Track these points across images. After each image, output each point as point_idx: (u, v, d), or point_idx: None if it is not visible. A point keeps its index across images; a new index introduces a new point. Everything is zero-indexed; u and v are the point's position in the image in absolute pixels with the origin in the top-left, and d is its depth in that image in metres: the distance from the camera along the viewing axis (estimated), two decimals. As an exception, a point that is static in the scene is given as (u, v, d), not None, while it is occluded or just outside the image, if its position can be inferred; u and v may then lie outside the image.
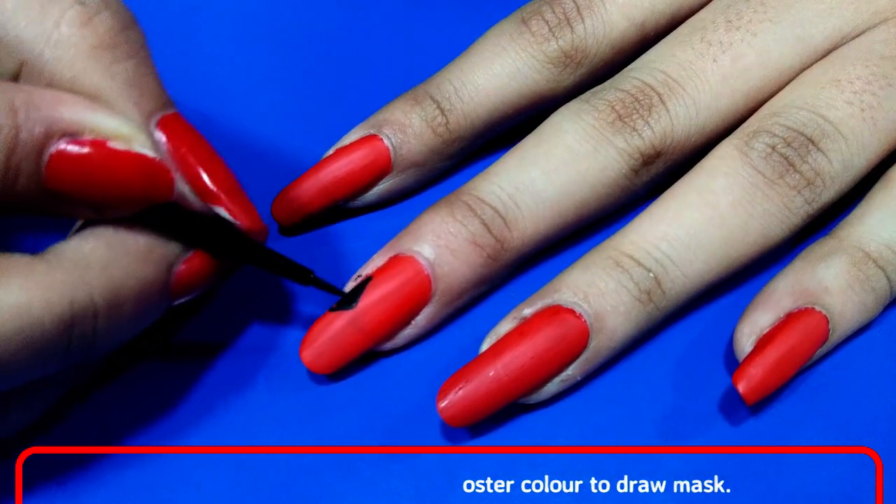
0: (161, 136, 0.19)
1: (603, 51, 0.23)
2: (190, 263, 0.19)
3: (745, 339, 0.21)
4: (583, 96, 0.23)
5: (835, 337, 0.21)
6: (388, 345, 0.22)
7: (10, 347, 0.16)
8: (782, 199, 0.21)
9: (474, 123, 0.24)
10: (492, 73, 0.23)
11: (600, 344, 0.21)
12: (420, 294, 0.21)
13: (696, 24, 0.23)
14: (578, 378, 0.21)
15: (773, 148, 0.21)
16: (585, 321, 0.20)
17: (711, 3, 0.24)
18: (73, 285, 0.17)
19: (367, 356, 0.22)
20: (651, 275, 0.21)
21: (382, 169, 0.23)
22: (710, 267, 0.21)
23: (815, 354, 0.21)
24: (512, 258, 0.22)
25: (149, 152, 0.17)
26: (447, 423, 0.20)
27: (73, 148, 0.17)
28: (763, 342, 0.20)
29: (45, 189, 0.17)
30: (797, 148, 0.21)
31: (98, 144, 0.17)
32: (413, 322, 0.22)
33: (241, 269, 0.22)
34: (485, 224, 0.22)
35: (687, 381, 0.22)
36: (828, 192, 0.21)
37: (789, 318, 0.21)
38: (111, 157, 0.17)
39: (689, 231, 0.21)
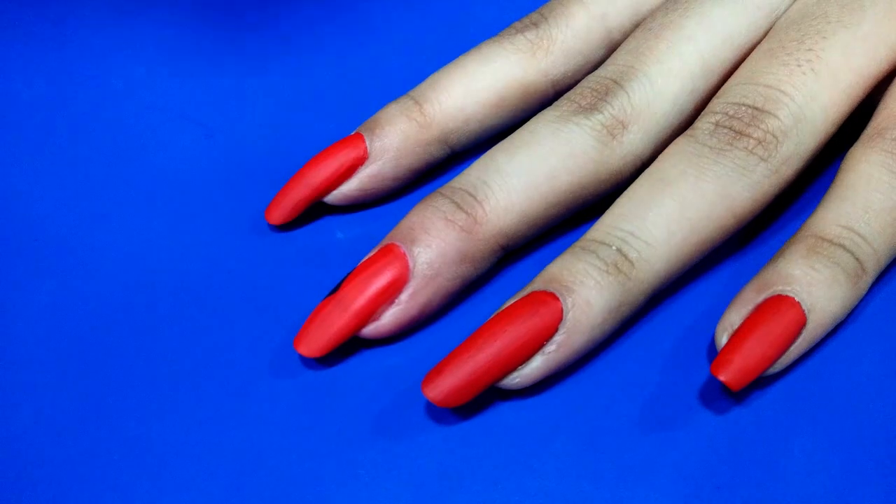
0: None
1: (566, 34, 0.25)
2: None
3: (721, 337, 0.21)
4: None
5: (817, 316, 0.21)
6: (378, 327, 0.22)
7: None
8: (734, 161, 0.22)
9: (449, 109, 0.25)
10: (462, 66, 0.25)
11: (577, 315, 0.21)
12: (398, 268, 0.22)
13: (646, 24, 0.25)
14: (566, 356, 0.21)
15: (717, 124, 0.22)
16: (557, 296, 0.21)
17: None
18: None
19: (362, 352, 0.23)
20: (613, 248, 0.21)
21: (356, 150, 0.25)
22: (672, 231, 0.21)
23: (808, 337, 0.21)
24: (489, 232, 0.22)
25: None
26: (435, 404, 0.20)
27: None
28: (736, 333, 0.21)
29: None
30: (741, 117, 0.22)
31: None
32: (397, 300, 0.22)
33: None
34: (454, 202, 0.22)
35: (685, 385, 0.22)
36: (786, 146, 0.22)
37: (757, 308, 0.21)
38: None
39: (640, 203, 0.22)
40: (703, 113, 0.23)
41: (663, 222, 0.21)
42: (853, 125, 0.24)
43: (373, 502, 0.20)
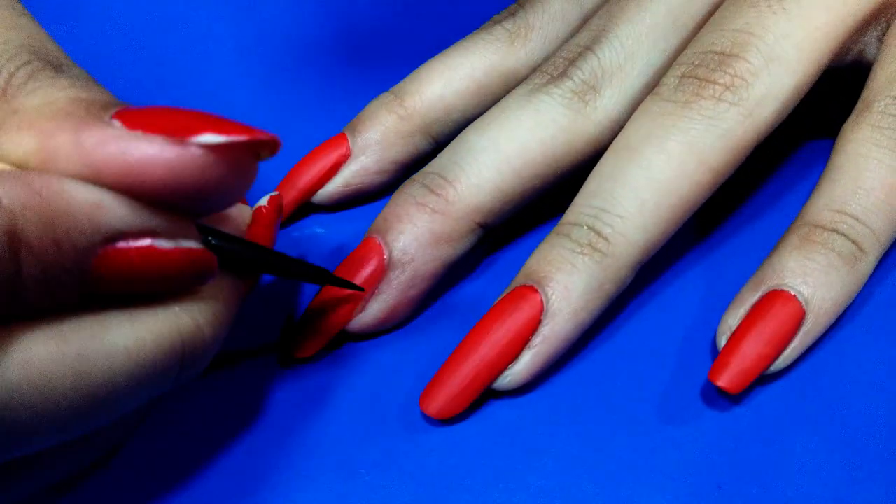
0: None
1: (543, 20, 0.25)
2: None
3: (720, 340, 0.21)
4: None
5: (817, 306, 0.20)
6: (364, 319, 0.22)
7: (125, 387, 0.15)
8: (700, 112, 0.20)
9: (428, 100, 0.25)
10: (442, 59, 0.25)
11: (558, 302, 0.20)
12: (376, 259, 0.22)
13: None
14: (554, 346, 0.21)
15: (682, 76, 0.21)
16: (536, 288, 0.20)
17: None
18: (177, 314, 0.16)
19: (361, 352, 0.23)
20: (585, 228, 0.21)
21: (339, 149, 0.25)
22: (642, 199, 0.20)
23: (811, 329, 0.20)
24: (462, 211, 0.22)
25: (195, 245, 0.16)
26: (435, 418, 0.21)
27: (119, 251, 0.15)
28: (732, 336, 0.20)
29: (86, 291, 0.15)
30: (707, 64, 0.21)
31: (145, 249, 0.15)
32: (377, 290, 0.22)
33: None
34: (425, 186, 0.22)
35: (686, 383, 0.21)
36: (757, 87, 0.20)
37: (753, 307, 0.20)
38: (158, 256, 0.15)
39: (607, 177, 0.21)
40: (670, 67, 0.22)
41: (631, 193, 0.20)
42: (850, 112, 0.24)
43: (372, 502, 0.20)
